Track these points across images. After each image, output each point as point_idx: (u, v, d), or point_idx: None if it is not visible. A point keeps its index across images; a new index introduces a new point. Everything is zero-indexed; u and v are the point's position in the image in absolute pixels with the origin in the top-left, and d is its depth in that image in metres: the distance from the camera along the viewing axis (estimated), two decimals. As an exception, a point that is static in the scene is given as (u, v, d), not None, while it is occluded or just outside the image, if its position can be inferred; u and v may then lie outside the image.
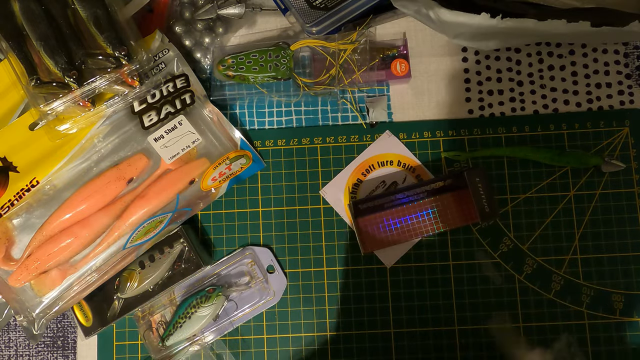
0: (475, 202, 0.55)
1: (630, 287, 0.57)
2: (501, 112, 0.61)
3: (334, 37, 0.59)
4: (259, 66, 0.59)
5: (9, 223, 0.56)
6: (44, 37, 0.54)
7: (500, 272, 0.58)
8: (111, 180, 0.56)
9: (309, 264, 0.59)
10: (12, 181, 0.57)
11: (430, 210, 0.58)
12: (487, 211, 0.55)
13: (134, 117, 0.58)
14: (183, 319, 0.57)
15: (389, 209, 0.58)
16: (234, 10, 0.59)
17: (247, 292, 0.59)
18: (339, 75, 0.59)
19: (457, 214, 0.58)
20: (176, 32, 0.61)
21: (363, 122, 0.61)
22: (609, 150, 0.59)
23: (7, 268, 0.55)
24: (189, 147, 0.58)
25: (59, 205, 0.56)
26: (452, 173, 0.59)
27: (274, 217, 0.60)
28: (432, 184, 0.57)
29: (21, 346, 0.62)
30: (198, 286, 0.58)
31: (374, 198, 0.56)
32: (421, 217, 0.58)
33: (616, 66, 0.61)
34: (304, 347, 0.58)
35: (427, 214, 0.58)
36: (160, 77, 0.58)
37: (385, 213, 0.58)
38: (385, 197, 0.56)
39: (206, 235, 0.61)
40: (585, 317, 0.57)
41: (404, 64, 0.60)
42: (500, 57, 0.62)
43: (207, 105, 0.60)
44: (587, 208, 0.59)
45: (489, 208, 0.55)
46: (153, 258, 0.58)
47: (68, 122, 0.56)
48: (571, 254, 0.58)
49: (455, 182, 0.57)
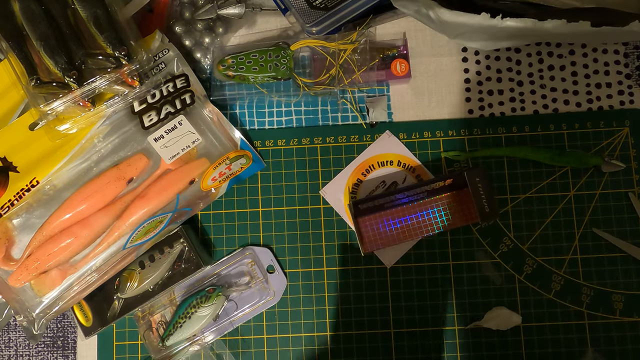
0: (475, 202, 0.55)
1: (630, 287, 0.57)
2: (501, 112, 0.61)
3: (334, 37, 0.59)
4: (259, 66, 0.59)
5: (9, 223, 0.56)
6: (44, 37, 0.54)
7: (500, 272, 0.58)
8: (111, 180, 0.56)
9: (309, 264, 0.59)
10: (12, 181, 0.57)
11: (430, 210, 0.58)
12: (487, 211, 0.55)
13: (134, 117, 0.58)
14: (183, 319, 0.57)
15: (389, 209, 0.58)
16: (234, 10, 0.59)
17: (247, 292, 0.59)
18: (339, 75, 0.59)
19: (457, 214, 0.58)
20: (176, 32, 0.61)
21: (363, 122, 0.61)
22: (609, 150, 0.59)
23: (7, 268, 0.55)
24: (189, 147, 0.58)
25: (59, 205, 0.56)
26: (452, 173, 0.59)
27: (274, 217, 0.60)
28: (432, 184, 0.57)
29: (21, 346, 0.62)
30: (198, 286, 0.58)
31: (374, 198, 0.56)
32: (421, 217, 0.58)
33: (616, 66, 0.61)
34: (304, 347, 0.58)
35: (427, 214, 0.58)
36: (160, 77, 0.58)
37: (385, 213, 0.58)
38: (385, 197, 0.56)
39: (206, 235, 0.61)
40: (585, 317, 0.57)
41: (404, 64, 0.60)
42: (500, 57, 0.62)
43: (207, 105, 0.60)
44: (587, 208, 0.59)
45: (489, 208, 0.55)
46: (153, 258, 0.58)
47: (68, 122, 0.56)
48: (571, 254, 0.58)
49: (455, 182, 0.57)
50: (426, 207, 0.58)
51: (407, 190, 0.57)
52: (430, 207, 0.58)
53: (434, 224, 0.58)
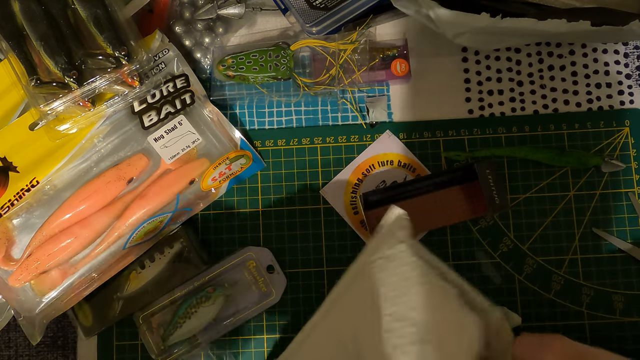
0: (484, 193, 0.55)
1: (630, 287, 0.57)
2: (501, 112, 0.61)
3: (334, 37, 0.59)
4: (259, 66, 0.59)
5: (9, 223, 0.56)
6: (44, 37, 0.54)
7: (500, 272, 0.58)
8: (111, 180, 0.56)
9: (309, 264, 0.59)
10: (12, 181, 0.57)
11: (439, 203, 0.58)
12: (497, 202, 0.55)
13: (134, 117, 0.58)
14: (183, 319, 0.57)
15: (399, 201, 0.58)
16: (234, 10, 0.59)
17: (247, 292, 0.59)
18: (339, 75, 0.59)
19: (466, 207, 0.57)
20: (176, 32, 0.61)
21: (363, 122, 0.61)
22: (609, 150, 0.59)
23: (7, 268, 0.55)
24: (189, 147, 0.58)
25: (59, 205, 0.56)
26: (461, 165, 0.59)
27: (274, 217, 0.60)
28: (442, 176, 0.57)
29: (21, 346, 0.62)
30: (198, 286, 0.58)
31: (383, 190, 0.56)
32: (430, 210, 0.57)
33: (616, 66, 0.61)
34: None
35: (436, 207, 0.57)
36: (160, 77, 0.58)
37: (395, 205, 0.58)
38: (394, 189, 0.56)
39: (206, 235, 0.61)
40: (585, 317, 0.57)
41: (404, 64, 0.60)
42: (500, 57, 0.62)
43: (207, 105, 0.60)
44: (587, 208, 0.59)
45: (499, 199, 0.55)
46: (153, 258, 0.58)
47: (68, 122, 0.56)
48: (571, 254, 0.58)
49: (465, 174, 0.57)
50: (435, 200, 0.58)
51: (417, 182, 0.57)
52: (439, 200, 0.58)
53: (442, 217, 0.57)
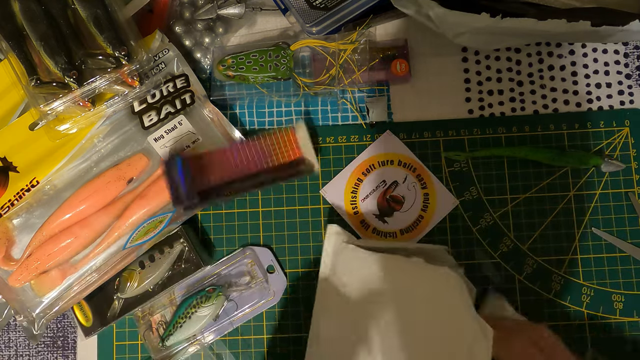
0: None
1: (630, 287, 0.57)
2: (501, 112, 0.61)
3: (334, 37, 0.59)
4: (259, 66, 0.59)
5: (9, 223, 0.56)
6: (44, 37, 0.54)
7: (500, 272, 0.58)
8: (111, 180, 0.56)
9: (309, 264, 0.59)
10: (12, 181, 0.57)
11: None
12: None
13: (134, 117, 0.58)
14: (183, 319, 0.57)
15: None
16: (234, 10, 0.59)
17: (247, 292, 0.59)
18: (339, 75, 0.59)
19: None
20: (176, 32, 0.61)
21: (363, 122, 0.61)
22: (609, 150, 0.59)
23: (7, 268, 0.55)
24: (189, 147, 0.58)
25: (59, 205, 0.56)
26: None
27: (274, 217, 0.60)
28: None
29: (21, 346, 0.62)
30: (198, 286, 0.58)
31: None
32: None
33: (616, 66, 0.61)
34: (304, 347, 0.58)
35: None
36: (160, 77, 0.58)
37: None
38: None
39: (206, 235, 0.61)
40: (585, 317, 0.57)
41: (404, 64, 0.60)
42: (500, 57, 0.62)
43: (207, 105, 0.60)
44: (587, 208, 0.59)
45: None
46: (153, 258, 0.58)
47: (68, 122, 0.56)
48: (571, 254, 0.58)
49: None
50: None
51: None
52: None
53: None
